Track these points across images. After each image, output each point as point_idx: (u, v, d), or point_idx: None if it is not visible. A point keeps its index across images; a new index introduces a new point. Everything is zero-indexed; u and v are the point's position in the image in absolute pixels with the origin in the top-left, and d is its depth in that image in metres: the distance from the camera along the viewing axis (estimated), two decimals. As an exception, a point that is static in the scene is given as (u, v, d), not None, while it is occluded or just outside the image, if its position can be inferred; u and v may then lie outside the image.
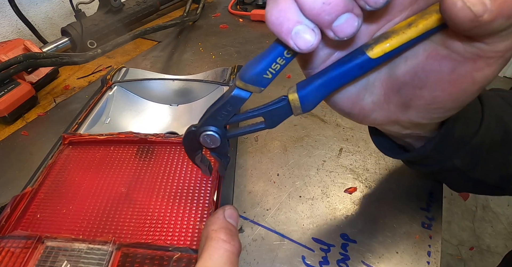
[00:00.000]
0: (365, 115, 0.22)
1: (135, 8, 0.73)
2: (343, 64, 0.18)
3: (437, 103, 0.18)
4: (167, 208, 0.30)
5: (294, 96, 0.19)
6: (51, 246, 0.27)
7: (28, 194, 0.32)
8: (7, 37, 0.66)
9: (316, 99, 0.19)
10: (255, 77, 0.18)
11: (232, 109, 0.21)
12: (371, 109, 0.21)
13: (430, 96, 0.18)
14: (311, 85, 0.19)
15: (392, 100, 0.20)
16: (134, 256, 0.26)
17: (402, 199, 0.36)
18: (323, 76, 0.19)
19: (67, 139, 0.38)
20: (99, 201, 0.31)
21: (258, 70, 0.18)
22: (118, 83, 0.48)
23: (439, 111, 0.19)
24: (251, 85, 0.19)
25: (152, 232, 0.28)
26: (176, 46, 0.69)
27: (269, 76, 0.18)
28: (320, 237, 0.33)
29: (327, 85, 0.19)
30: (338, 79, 0.18)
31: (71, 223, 0.29)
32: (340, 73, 0.18)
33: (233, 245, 0.21)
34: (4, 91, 0.47)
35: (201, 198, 0.31)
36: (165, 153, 0.36)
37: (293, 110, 0.20)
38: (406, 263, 0.31)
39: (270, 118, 0.21)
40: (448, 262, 1.20)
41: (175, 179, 0.33)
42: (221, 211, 0.23)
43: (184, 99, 0.49)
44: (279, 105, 0.20)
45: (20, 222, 0.30)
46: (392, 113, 0.21)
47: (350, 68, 0.18)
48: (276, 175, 0.39)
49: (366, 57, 0.17)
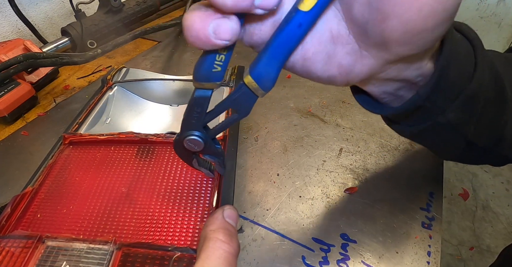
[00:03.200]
0: (348, 72, 0.19)
1: (135, 8, 0.73)
2: (282, 30, 0.17)
3: (412, 28, 0.16)
4: (168, 208, 0.30)
5: (249, 79, 0.19)
6: (51, 245, 0.27)
7: (28, 193, 0.32)
8: (7, 37, 0.66)
9: (272, 75, 0.19)
10: (205, 74, 0.18)
11: (201, 110, 0.21)
12: (351, 63, 0.19)
13: (400, 23, 0.16)
14: (260, 62, 0.18)
15: (367, 43, 0.18)
16: (135, 256, 0.26)
17: (402, 199, 0.36)
18: (268, 49, 0.18)
19: (68, 139, 0.38)
20: (99, 201, 0.31)
21: (205, 67, 0.18)
22: (118, 84, 0.48)
23: (421, 36, 0.16)
24: (206, 83, 0.19)
25: (153, 232, 0.28)
26: (176, 46, 0.69)
27: (218, 69, 0.18)
28: (320, 237, 0.33)
29: (275, 57, 0.18)
30: (283, 46, 0.18)
31: (71, 223, 0.29)
32: (282, 40, 0.17)
33: (231, 246, 0.21)
34: (4, 91, 0.47)
35: (202, 198, 0.31)
36: (165, 153, 0.36)
37: (255, 92, 0.19)
38: (406, 263, 0.31)
39: (239, 107, 0.21)
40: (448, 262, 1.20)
41: (176, 179, 0.33)
42: (220, 211, 0.23)
43: (184, 99, 0.49)
44: (240, 92, 0.20)
45: (20, 221, 0.30)
46: (377, 56, 0.19)
47: (289, 31, 0.17)
48: (276, 175, 0.39)
49: (300, 13, 0.16)
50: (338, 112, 0.48)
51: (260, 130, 0.46)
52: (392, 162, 0.40)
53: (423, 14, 0.15)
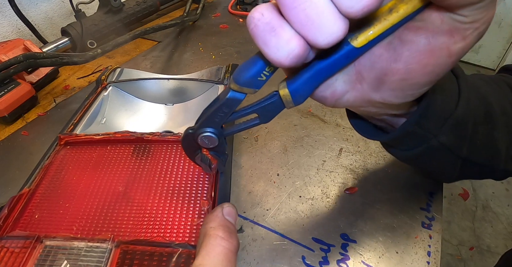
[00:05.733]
0: (338, 98, 0.21)
1: (135, 8, 0.73)
2: (330, 56, 0.18)
3: (411, 78, 0.18)
4: (165, 205, 0.30)
5: (285, 92, 0.20)
6: (50, 245, 0.27)
7: (25, 194, 0.32)
8: (7, 37, 0.66)
9: (306, 92, 0.20)
10: (250, 80, 0.19)
11: (228, 111, 0.21)
12: (343, 91, 0.21)
13: (405, 70, 0.18)
14: (300, 80, 0.19)
15: (365, 77, 0.20)
16: (133, 253, 0.26)
17: (402, 199, 0.36)
18: (311, 70, 0.19)
19: (63, 139, 0.38)
20: (97, 200, 0.31)
21: (252, 73, 0.18)
22: (113, 84, 0.48)
23: (413, 87, 0.19)
24: (246, 88, 0.19)
25: (151, 229, 0.28)
26: (176, 46, 0.69)
27: (264, 78, 0.19)
28: (320, 237, 0.33)
29: (315, 78, 0.19)
30: (325, 71, 0.19)
31: (69, 222, 0.29)
32: (327, 65, 0.18)
33: (231, 243, 0.21)
34: (4, 91, 0.47)
35: (199, 194, 0.31)
36: (161, 151, 0.36)
37: (285, 104, 0.20)
38: (406, 263, 0.31)
39: (264, 114, 0.21)
40: (448, 262, 1.20)
41: (172, 176, 0.33)
42: (220, 209, 0.23)
43: (179, 98, 0.49)
44: (271, 101, 0.20)
45: (18, 222, 0.30)
46: (365, 93, 0.20)
47: (337, 60, 0.18)
48: (276, 175, 0.39)
49: (350, 47, 0.17)
50: (338, 112, 0.48)
51: (260, 130, 0.46)
52: (392, 162, 0.40)
53: (424, 71, 0.18)
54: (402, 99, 0.20)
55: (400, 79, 0.18)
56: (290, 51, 0.16)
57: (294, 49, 0.16)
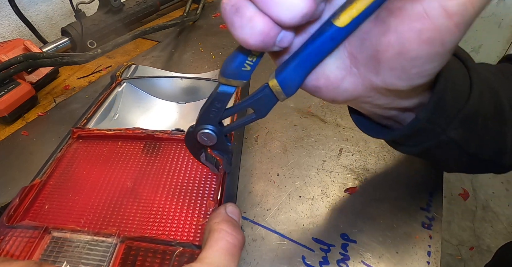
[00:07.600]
0: (334, 87, 0.20)
1: (135, 8, 0.73)
2: (314, 40, 0.17)
3: (408, 50, 0.16)
4: (172, 203, 0.31)
5: (274, 82, 0.19)
6: (57, 236, 0.27)
7: (36, 185, 0.32)
8: (7, 37, 0.66)
9: (296, 82, 0.19)
10: (234, 71, 0.19)
11: (221, 106, 0.21)
12: (338, 78, 0.19)
13: (398, 41, 0.16)
14: (287, 68, 0.19)
15: (359, 58, 0.18)
16: (137, 249, 0.26)
17: (402, 199, 0.36)
18: (297, 57, 0.18)
19: (76, 133, 0.38)
20: (105, 194, 0.32)
21: (236, 64, 0.18)
22: (127, 80, 0.48)
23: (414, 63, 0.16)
24: (233, 80, 0.19)
25: (156, 227, 0.29)
26: (176, 46, 0.69)
27: (248, 68, 0.19)
28: (320, 237, 0.33)
29: (303, 65, 0.18)
30: (312, 56, 0.18)
31: (77, 215, 0.30)
32: (313, 50, 0.18)
33: (235, 237, 0.21)
34: (4, 91, 0.47)
35: (205, 195, 0.31)
36: (171, 150, 0.36)
37: (276, 96, 0.20)
38: (406, 263, 0.31)
39: (259, 108, 0.21)
40: (448, 262, 1.20)
41: (180, 175, 0.33)
42: (223, 207, 0.24)
43: (191, 97, 0.49)
44: (262, 94, 0.20)
45: (28, 212, 0.30)
46: (364, 78, 0.19)
47: (322, 43, 0.17)
48: (276, 175, 0.39)
49: (334, 28, 0.17)
50: (338, 112, 0.48)
51: (260, 130, 0.46)
52: (392, 162, 0.40)
53: (421, 39, 0.15)
54: (408, 82, 0.17)
55: (396, 54, 0.16)
56: (253, 29, 0.15)
57: (256, 26, 0.15)
